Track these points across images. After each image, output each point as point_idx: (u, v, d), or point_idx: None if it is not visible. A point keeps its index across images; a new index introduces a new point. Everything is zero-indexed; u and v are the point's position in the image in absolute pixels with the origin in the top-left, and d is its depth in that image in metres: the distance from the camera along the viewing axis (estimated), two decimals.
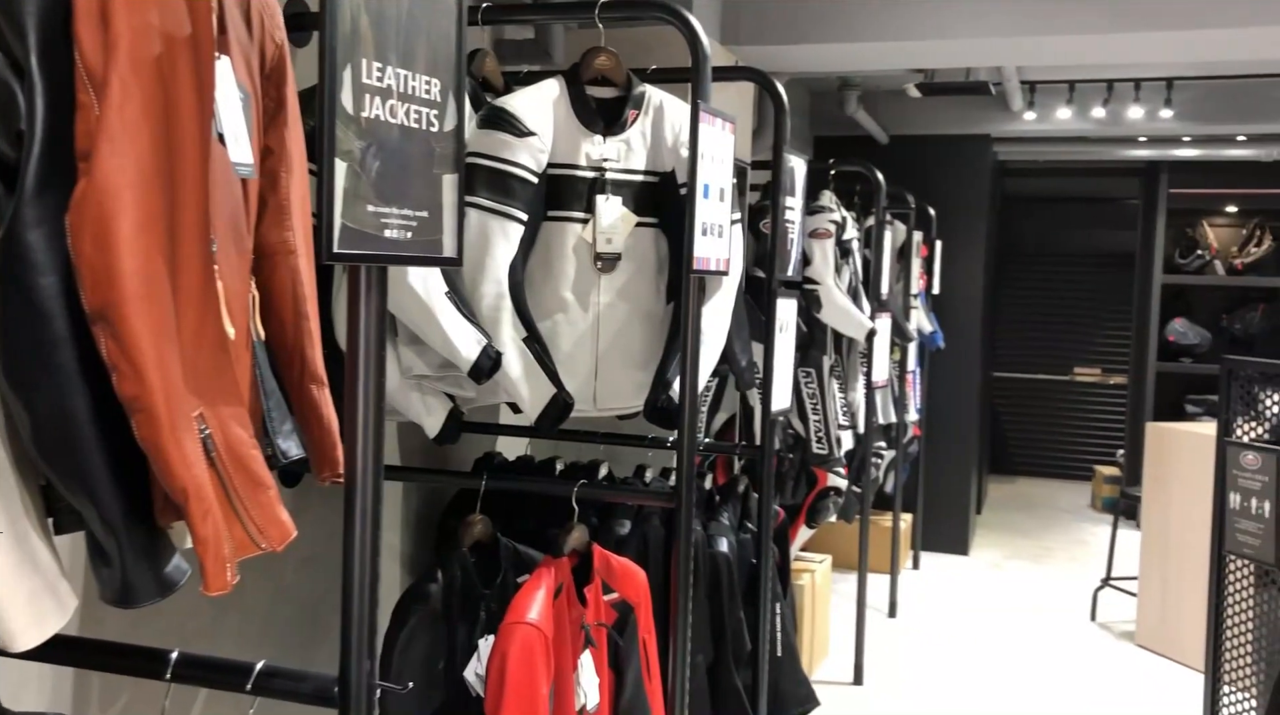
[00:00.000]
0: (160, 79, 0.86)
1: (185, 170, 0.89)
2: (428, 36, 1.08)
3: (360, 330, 1.06)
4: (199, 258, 0.91)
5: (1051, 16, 3.42)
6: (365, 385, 1.06)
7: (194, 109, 0.89)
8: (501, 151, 1.96)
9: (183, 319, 0.90)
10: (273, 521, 0.99)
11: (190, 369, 0.90)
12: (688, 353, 1.96)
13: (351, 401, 1.06)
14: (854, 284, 4.29)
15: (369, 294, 1.06)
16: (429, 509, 2.82)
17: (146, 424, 0.84)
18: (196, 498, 0.87)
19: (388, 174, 1.04)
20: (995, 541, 6.70)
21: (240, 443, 0.96)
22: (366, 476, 1.07)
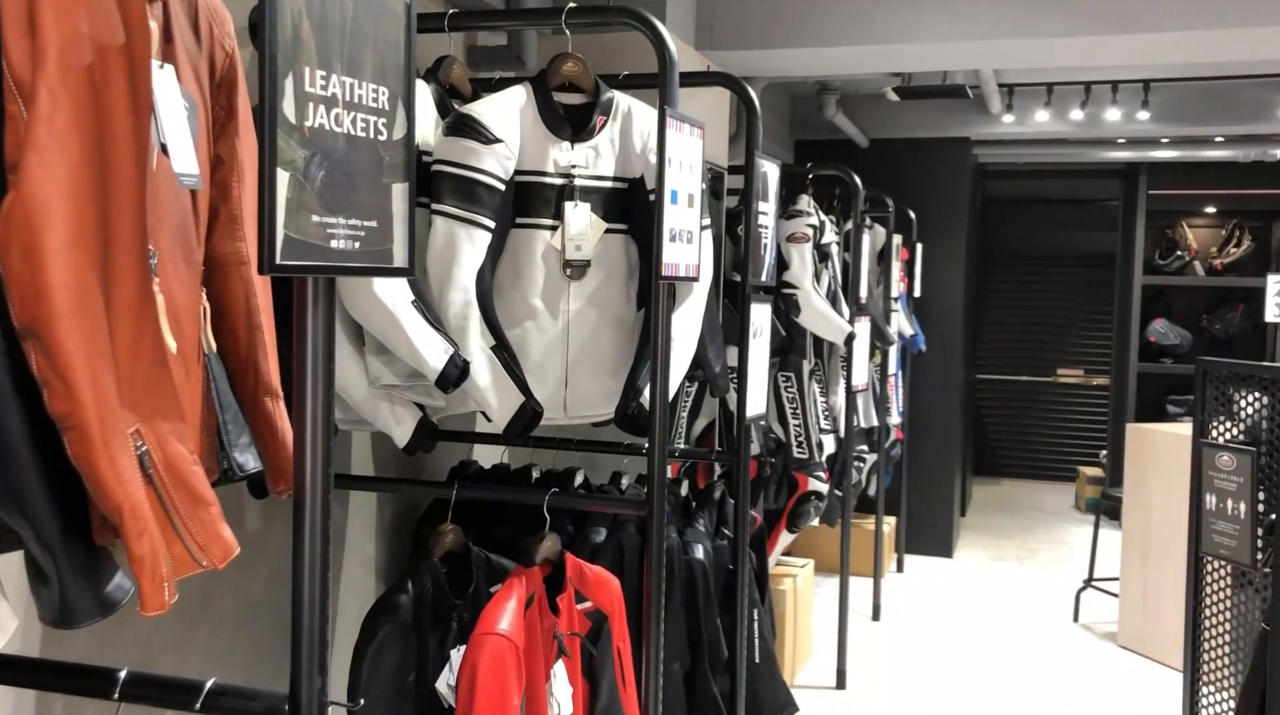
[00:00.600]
0: (92, 88, 0.84)
1: (119, 181, 0.87)
2: (375, 44, 1.07)
3: (308, 342, 1.04)
4: (135, 270, 0.89)
5: (1027, 19, 3.43)
6: (314, 397, 1.05)
7: (129, 118, 0.87)
8: (468, 159, 1.94)
9: (117, 333, 0.88)
10: (214, 539, 0.97)
11: (126, 384, 0.89)
12: (658, 359, 1.94)
13: (300, 414, 1.05)
14: (833, 288, 4.28)
15: (316, 305, 1.04)
16: (404, 518, 2.79)
17: (79, 441, 0.83)
18: (132, 516, 0.86)
19: (333, 183, 1.02)
20: (979, 543, 6.70)
21: (179, 459, 0.94)
22: (315, 490, 1.05)
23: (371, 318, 1.85)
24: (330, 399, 1.06)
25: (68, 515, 0.87)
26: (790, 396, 4.13)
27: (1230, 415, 2.93)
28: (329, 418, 1.05)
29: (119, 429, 0.86)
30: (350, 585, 2.61)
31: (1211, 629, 3.03)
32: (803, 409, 4.13)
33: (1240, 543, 2.78)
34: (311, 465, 1.04)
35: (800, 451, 4.12)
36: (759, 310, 2.63)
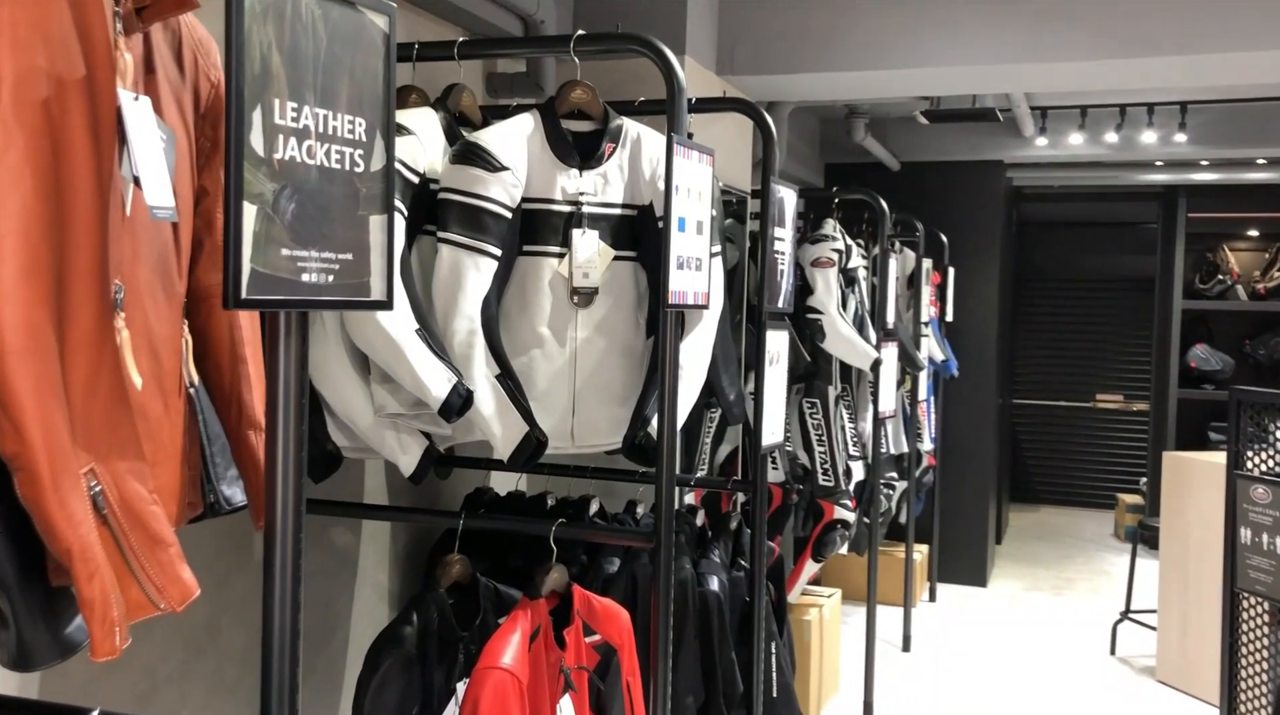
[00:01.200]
0: (48, 122, 0.83)
1: (77, 216, 0.86)
2: (351, 74, 1.05)
3: (280, 377, 1.02)
4: (93, 305, 0.88)
5: (1058, 43, 3.38)
6: (286, 434, 1.03)
7: (88, 152, 0.86)
8: (474, 187, 1.93)
9: (72, 370, 0.87)
10: (173, 580, 0.95)
11: (81, 422, 0.87)
12: (665, 388, 1.91)
13: (271, 451, 1.03)
14: (860, 313, 4.23)
15: (289, 339, 1.03)
16: (418, 545, 2.78)
17: (28, 482, 0.81)
18: (81, 558, 0.84)
19: (305, 216, 1.00)
20: (1015, 572, 6.57)
21: (137, 499, 0.93)
22: (286, 530, 1.03)
23: (375, 346, 1.84)
24: (303, 436, 1.04)
25: (24, 556, 0.85)
26: (815, 423, 4.08)
27: (1267, 446, 2.84)
28: (301, 455, 1.03)
29: (70, 469, 0.85)
30: (363, 615, 2.59)
31: (1248, 666, 2.93)
32: (828, 436, 4.08)
33: (1276, 579, 2.68)
34: (282, 505, 1.02)
35: (825, 479, 4.06)
36: (775, 337, 2.59)
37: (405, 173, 1.91)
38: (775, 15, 3.52)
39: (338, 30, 1.03)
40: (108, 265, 0.89)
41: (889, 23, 3.46)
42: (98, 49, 0.87)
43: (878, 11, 3.46)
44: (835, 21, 3.49)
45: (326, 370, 1.94)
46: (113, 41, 0.91)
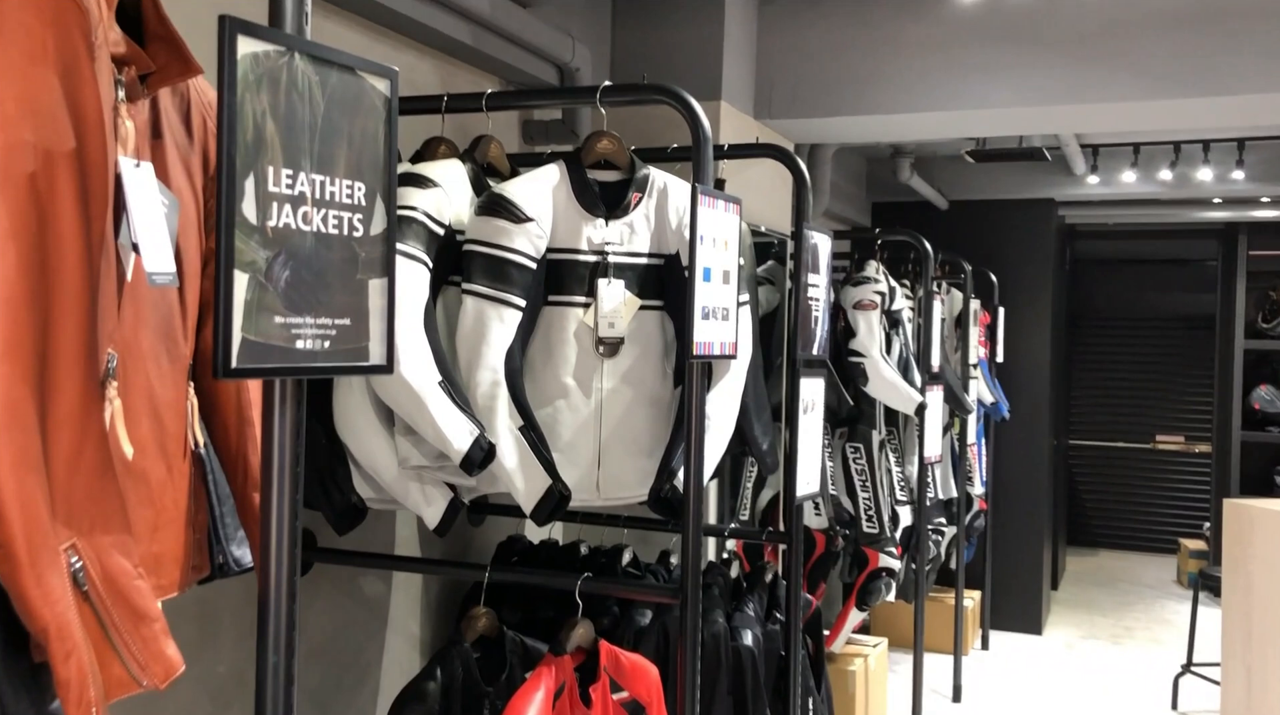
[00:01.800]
0: (34, 196, 0.83)
1: (63, 288, 0.86)
2: (349, 140, 1.05)
3: (274, 444, 1.01)
4: (79, 378, 0.88)
5: (1106, 84, 3.32)
6: (280, 503, 1.02)
7: (76, 224, 0.86)
8: (499, 238, 1.93)
9: (55, 444, 0.86)
10: (156, 657, 0.94)
11: (62, 496, 0.87)
12: (692, 441, 1.88)
13: (265, 520, 1.01)
14: (905, 355, 4.16)
15: (284, 406, 1.02)
16: (450, 594, 2.76)
17: (3, 559, 0.81)
18: (58, 638, 0.83)
19: (299, 283, 1.00)
20: (1071, 620, 6.38)
21: (121, 574, 0.92)
22: (280, 601, 1.02)
23: (398, 398, 1.84)
24: (297, 505, 1.02)
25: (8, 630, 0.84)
26: (859, 468, 4.01)
27: None
28: (295, 525, 1.02)
29: (49, 546, 0.84)
30: (394, 665, 2.57)
31: None
32: (872, 482, 4.00)
33: None
34: (276, 574, 1.01)
35: (870, 526, 3.98)
36: (810, 384, 2.55)
37: (430, 224, 1.92)
38: (814, 58, 3.51)
39: (336, 96, 1.03)
40: (96, 337, 0.89)
41: (930, 64, 3.43)
42: (89, 121, 0.88)
43: (918, 53, 3.43)
44: (875, 64, 3.47)
45: (351, 422, 1.94)
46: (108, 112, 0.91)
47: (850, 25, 3.47)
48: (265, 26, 0.94)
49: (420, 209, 1.90)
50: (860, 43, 3.47)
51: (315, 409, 1.99)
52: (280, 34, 0.97)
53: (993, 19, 3.37)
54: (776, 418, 3.15)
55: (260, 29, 0.94)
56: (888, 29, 3.45)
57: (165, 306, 1.12)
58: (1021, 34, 3.35)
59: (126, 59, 1.04)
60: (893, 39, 3.44)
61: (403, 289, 1.85)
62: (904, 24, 3.43)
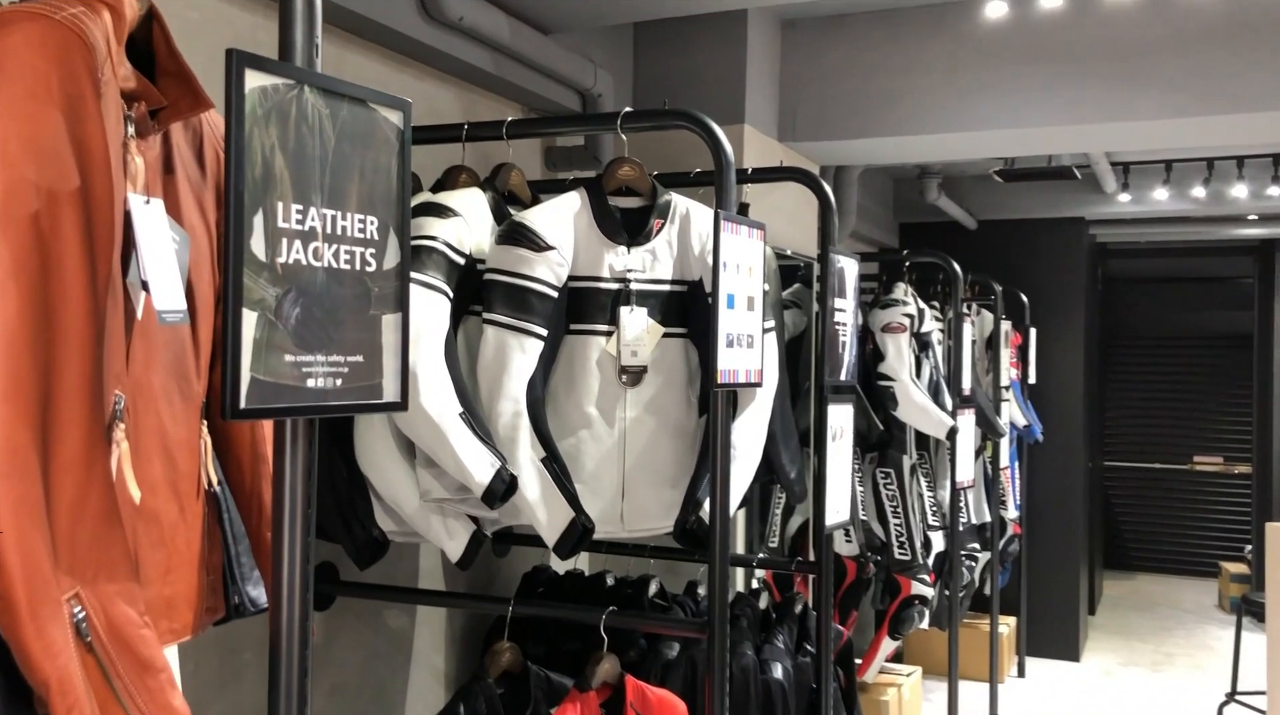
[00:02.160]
0: (37, 236, 0.81)
1: (66, 330, 0.84)
2: (362, 173, 1.03)
3: (286, 485, 0.99)
4: (83, 421, 0.86)
5: (1136, 102, 3.27)
6: (291, 544, 0.99)
7: (80, 265, 0.85)
8: (519, 267, 1.91)
9: (58, 490, 0.84)
10: (163, 708, 0.91)
11: (66, 544, 0.84)
12: (717, 471, 1.85)
13: (277, 563, 0.99)
14: (935, 378, 4.10)
15: (295, 446, 0.99)
16: (474, 627, 2.73)
17: (4, 612, 0.78)
18: (60, 692, 0.80)
19: (310, 320, 0.97)
20: (1110, 646, 6.25)
21: (127, 623, 0.89)
22: (293, 649, 0.99)
23: (418, 430, 1.81)
24: (309, 548, 1.00)
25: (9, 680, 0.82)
26: (890, 494, 3.94)
27: None
28: (307, 568, 0.99)
29: (50, 597, 0.82)
30: (418, 699, 2.54)
31: None
32: (904, 507, 3.94)
33: None
34: (288, 623, 0.98)
35: (902, 552, 3.92)
36: (838, 411, 2.50)
37: (451, 254, 1.90)
38: (838, 80, 3.48)
39: (347, 129, 1.01)
40: (102, 379, 0.87)
41: (956, 85, 3.39)
42: (95, 159, 0.86)
43: (945, 73, 3.40)
44: (900, 85, 3.43)
45: (372, 454, 1.92)
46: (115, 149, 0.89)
47: (875, 45, 3.44)
48: (273, 60, 0.93)
49: (440, 238, 1.88)
50: (885, 63, 3.44)
51: (336, 441, 1.97)
52: (289, 67, 0.95)
53: (1020, 37, 3.33)
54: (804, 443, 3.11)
55: (268, 62, 0.92)
56: (913, 49, 3.42)
57: (177, 344, 1.10)
58: (1050, 52, 3.31)
59: (137, 94, 1.03)
60: (919, 59, 3.41)
61: (423, 319, 1.83)
62: (930, 43, 3.40)
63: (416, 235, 1.88)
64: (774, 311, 2.33)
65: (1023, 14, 3.31)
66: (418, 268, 1.85)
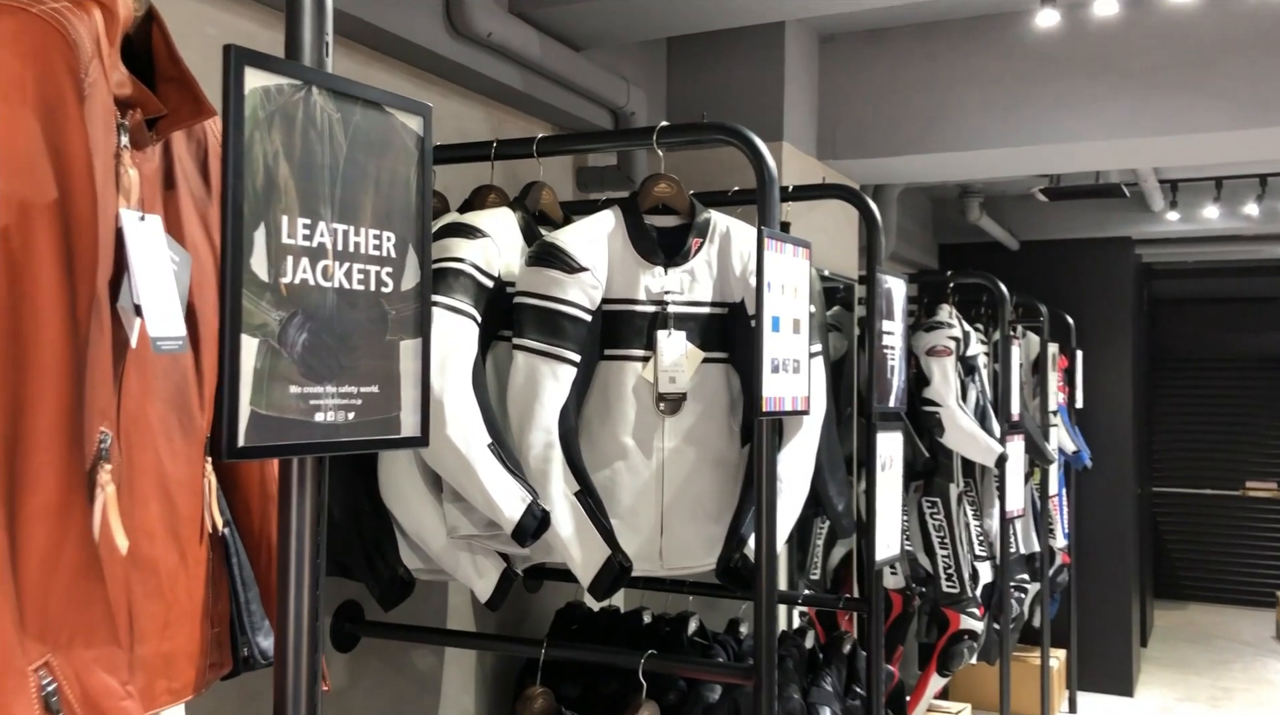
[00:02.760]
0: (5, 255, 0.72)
1: (39, 360, 0.75)
2: (377, 185, 0.93)
3: (292, 532, 0.89)
4: (57, 465, 0.76)
5: (1187, 114, 3.13)
6: (298, 598, 0.88)
7: (56, 290, 0.75)
8: (551, 289, 1.81)
9: (28, 544, 0.75)
10: None
11: (36, 606, 0.75)
12: (764, 506, 1.73)
13: (282, 620, 0.88)
14: (981, 404, 3.96)
15: (303, 489, 0.89)
16: (505, 666, 2.61)
17: None
18: None
19: (319, 347, 0.87)
20: (1164, 680, 6.02)
21: (106, 694, 0.79)
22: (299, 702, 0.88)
23: (444, 462, 1.71)
24: (317, 601, 0.89)
25: None
26: (937, 524, 3.80)
27: None
28: (315, 624, 0.89)
29: (15, 667, 0.72)
30: None
31: None
32: (951, 538, 3.79)
33: None
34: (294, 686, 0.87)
35: (950, 585, 3.76)
36: (887, 440, 2.38)
37: (478, 276, 1.80)
38: (878, 96, 3.37)
39: (361, 135, 0.91)
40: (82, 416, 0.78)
41: (1000, 98, 3.27)
42: (75, 169, 0.77)
43: (989, 87, 3.28)
44: (943, 99, 3.32)
45: (398, 489, 1.81)
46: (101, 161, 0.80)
47: (916, 60, 3.33)
48: (276, 58, 0.83)
49: (468, 260, 1.79)
50: (927, 78, 3.32)
51: (361, 475, 1.87)
52: (295, 65, 0.85)
53: (1067, 49, 3.21)
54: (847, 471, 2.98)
55: (271, 60, 0.83)
56: (956, 63, 3.30)
57: (178, 374, 1.01)
58: (1098, 64, 3.18)
59: (132, 101, 0.94)
60: (961, 73, 3.30)
61: (449, 345, 1.74)
62: (973, 57, 3.29)
63: (443, 257, 1.78)
64: (820, 334, 2.22)
65: (1073, 24, 3.19)
66: (444, 291, 1.75)
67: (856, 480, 3.28)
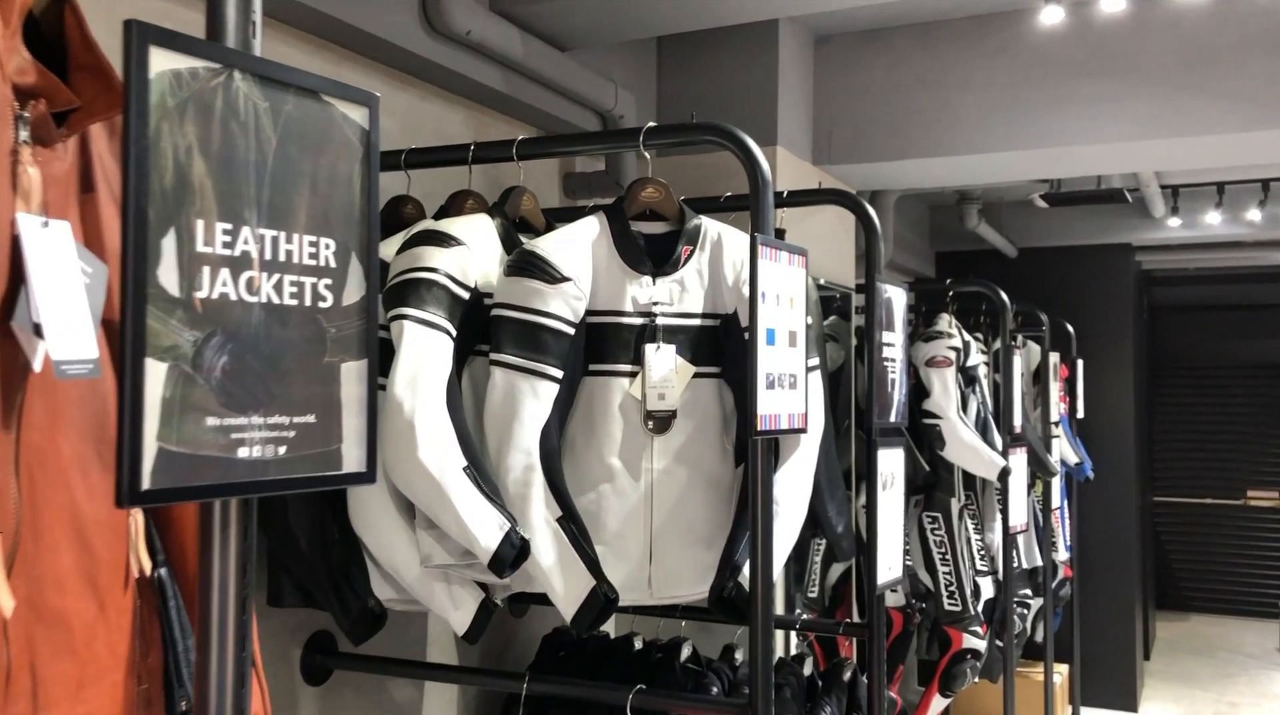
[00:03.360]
0: None
1: None
2: (314, 184, 0.81)
3: (214, 586, 0.77)
4: None
5: (1192, 116, 3.03)
6: (220, 661, 0.77)
7: None
8: (531, 301, 1.69)
9: None
10: None
11: None
12: (759, 530, 1.61)
13: (202, 680, 0.77)
14: (983, 415, 3.85)
15: (226, 535, 0.77)
16: (491, 696, 2.49)
17: None
18: None
19: (243, 372, 0.76)
20: (1169, 694, 5.91)
21: None
22: None
23: (415, 487, 1.60)
24: (245, 662, 0.77)
25: None
26: (938, 540, 3.68)
27: None
28: (242, 692, 0.77)
29: None
30: None
31: None
32: (953, 554, 3.67)
33: None
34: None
35: (951, 603, 3.64)
36: (889, 457, 2.26)
37: (453, 287, 1.69)
38: (875, 99, 3.26)
39: (294, 128, 0.79)
40: None
41: (1001, 101, 3.17)
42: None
43: (989, 89, 3.18)
44: (941, 102, 3.21)
45: (368, 514, 1.70)
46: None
47: (915, 61, 3.23)
48: (188, 36, 0.72)
49: (442, 270, 1.67)
50: (926, 80, 3.22)
51: (329, 500, 1.75)
52: (210, 46, 0.74)
53: (1070, 50, 3.10)
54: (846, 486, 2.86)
55: (182, 39, 0.71)
56: (956, 64, 3.20)
57: (96, 402, 0.89)
58: (1102, 65, 3.08)
59: (37, 91, 0.82)
60: (961, 74, 3.19)
61: (423, 361, 1.62)
62: (974, 58, 3.18)
63: (414, 267, 1.67)
64: (817, 347, 2.10)
65: (1076, 23, 3.08)
66: (415, 303, 1.64)
67: (855, 495, 3.17)
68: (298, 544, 1.74)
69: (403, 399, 1.58)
